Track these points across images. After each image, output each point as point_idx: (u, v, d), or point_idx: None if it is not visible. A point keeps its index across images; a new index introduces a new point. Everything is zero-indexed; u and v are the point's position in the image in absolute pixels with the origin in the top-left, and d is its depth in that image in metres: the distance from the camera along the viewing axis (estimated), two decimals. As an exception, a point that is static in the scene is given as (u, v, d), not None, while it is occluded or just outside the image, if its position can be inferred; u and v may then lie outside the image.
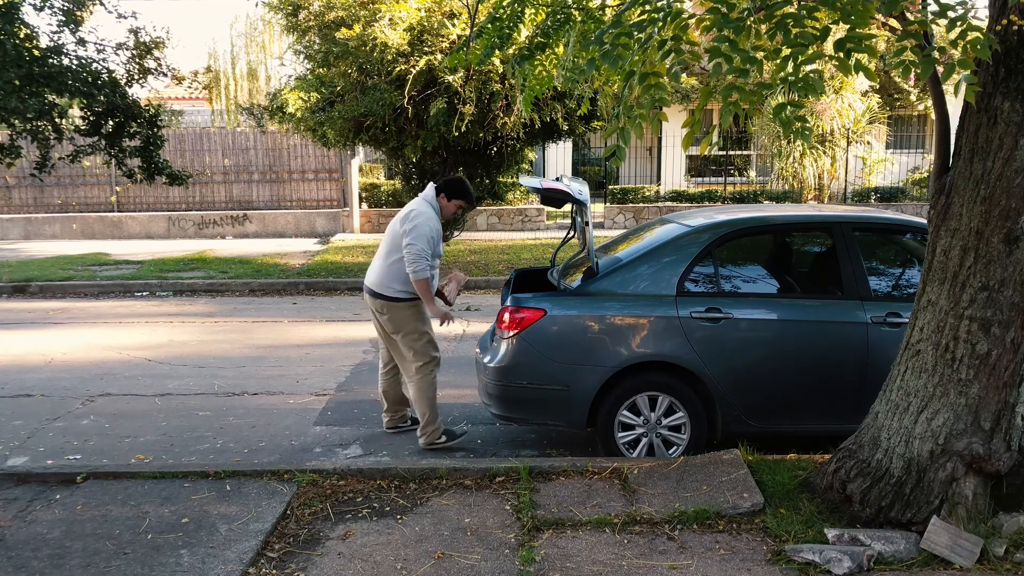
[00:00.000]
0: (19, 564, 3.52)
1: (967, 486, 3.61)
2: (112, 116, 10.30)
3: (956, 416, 3.63)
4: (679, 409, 4.72)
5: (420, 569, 3.49)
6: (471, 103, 10.14)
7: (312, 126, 11.17)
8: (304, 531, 3.85)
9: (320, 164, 17.87)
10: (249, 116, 23.42)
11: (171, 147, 17.18)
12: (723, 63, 2.95)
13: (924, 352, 3.72)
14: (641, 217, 16.87)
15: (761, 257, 5.29)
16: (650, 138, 19.93)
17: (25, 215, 17.43)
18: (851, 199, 17.15)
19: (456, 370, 6.82)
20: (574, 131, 11.74)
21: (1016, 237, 3.46)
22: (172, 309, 10.19)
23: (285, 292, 11.31)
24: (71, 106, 10.50)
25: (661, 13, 3.16)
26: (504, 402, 4.90)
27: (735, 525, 3.85)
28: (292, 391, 6.47)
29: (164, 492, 4.23)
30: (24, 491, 4.28)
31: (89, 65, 9.97)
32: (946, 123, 3.76)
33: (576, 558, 3.56)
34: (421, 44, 10.21)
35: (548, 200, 5.01)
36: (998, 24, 3.40)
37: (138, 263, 13.24)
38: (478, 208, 16.01)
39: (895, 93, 18.72)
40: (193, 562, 3.52)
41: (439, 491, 4.26)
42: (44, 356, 7.60)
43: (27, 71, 9.08)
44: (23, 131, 10.04)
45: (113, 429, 5.63)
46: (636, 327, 4.71)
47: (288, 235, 17.24)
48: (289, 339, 8.36)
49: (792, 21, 2.88)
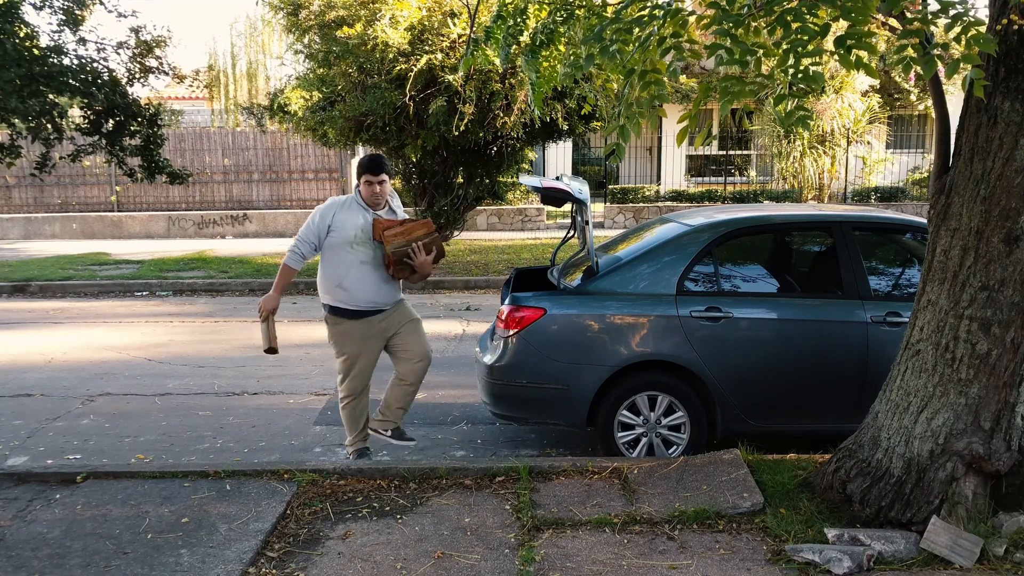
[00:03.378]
0: (19, 564, 3.52)
1: (967, 486, 3.61)
2: (112, 115, 10.30)
3: (956, 416, 3.62)
4: (679, 409, 4.72)
5: (420, 569, 3.48)
6: (471, 103, 10.14)
7: (312, 125, 11.17)
8: (304, 531, 3.85)
9: (320, 164, 17.87)
10: (249, 116, 23.42)
11: (171, 146, 17.18)
12: (724, 56, 2.95)
13: (924, 352, 3.72)
14: (641, 216, 16.87)
15: (761, 256, 5.29)
16: (650, 138, 19.93)
17: (25, 215, 17.43)
18: (851, 199, 17.14)
19: (456, 370, 6.82)
20: (574, 131, 11.73)
21: (1016, 237, 3.45)
22: (172, 309, 10.19)
23: (285, 292, 11.29)
24: (71, 105, 10.50)
25: (661, 11, 3.16)
26: (504, 401, 4.90)
27: (735, 525, 3.85)
28: (292, 391, 6.47)
29: (164, 492, 4.22)
30: (24, 491, 4.28)
31: (89, 64, 9.97)
32: (946, 123, 3.75)
33: (576, 558, 3.56)
34: (422, 43, 10.20)
35: (548, 199, 5.00)
36: (998, 24, 3.40)
37: (138, 263, 13.23)
38: (478, 208, 15.98)
39: (895, 93, 18.71)
40: (193, 562, 3.52)
41: (439, 491, 4.26)
42: (44, 356, 7.59)
43: (27, 71, 9.08)
44: (23, 131, 10.04)
45: (113, 429, 5.63)
46: (636, 326, 4.70)
47: (288, 235, 17.22)
48: (289, 339, 8.34)
49: (792, 16, 2.88)
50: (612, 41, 3.23)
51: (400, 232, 4.48)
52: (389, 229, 4.46)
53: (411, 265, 4.50)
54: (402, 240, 4.48)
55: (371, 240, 4.48)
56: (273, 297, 4.58)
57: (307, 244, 4.54)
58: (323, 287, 4.63)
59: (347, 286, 4.51)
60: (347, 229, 4.48)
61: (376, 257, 4.51)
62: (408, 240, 4.49)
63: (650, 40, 3.18)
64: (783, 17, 2.88)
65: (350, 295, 4.52)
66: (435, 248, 4.58)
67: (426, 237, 4.56)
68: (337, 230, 4.48)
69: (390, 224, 4.49)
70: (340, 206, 4.52)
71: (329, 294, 4.60)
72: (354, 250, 4.48)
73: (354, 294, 4.52)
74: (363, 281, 4.51)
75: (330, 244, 4.51)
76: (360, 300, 4.53)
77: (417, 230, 4.53)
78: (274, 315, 4.60)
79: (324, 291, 4.63)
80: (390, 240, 4.43)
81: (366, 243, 4.48)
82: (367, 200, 4.52)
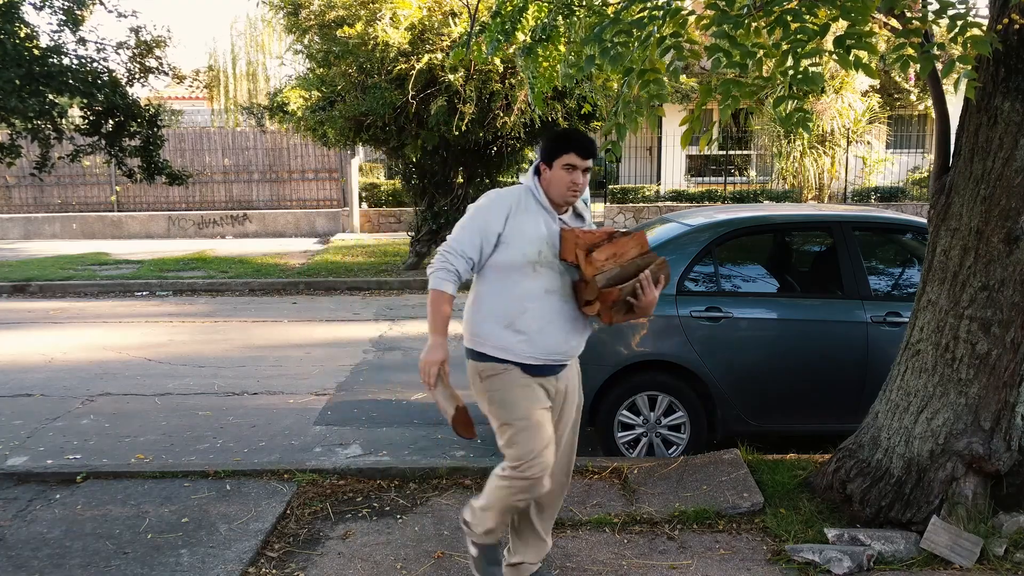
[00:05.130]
0: (19, 564, 3.52)
1: (967, 486, 3.61)
2: (112, 115, 10.30)
3: (956, 416, 3.62)
4: (679, 408, 4.72)
5: (420, 569, 3.49)
6: (471, 102, 10.14)
7: (312, 125, 11.17)
8: (304, 531, 3.85)
9: (320, 164, 17.86)
10: (249, 116, 23.43)
11: (171, 147, 17.17)
12: (722, 58, 2.95)
13: (924, 352, 3.72)
14: (641, 216, 16.86)
15: (761, 256, 5.29)
16: (650, 138, 19.92)
17: (25, 215, 17.43)
18: (851, 199, 17.13)
19: (456, 370, 6.80)
20: (574, 131, 11.73)
21: (1016, 237, 3.45)
22: (172, 309, 10.19)
23: (285, 292, 11.30)
24: (71, 105, 10.50)
25: (661, 11, 3.16)
26: (504, 402, 4.89)
27: (735, 525, 3.85)
28: (292, 391, 6.47)
29: (164, 492, 4.22)
30: (24, 491, 4.28)
31: (89, 64, 9.96)
32: (946, 123, 3.75)
33: (576, 558, 3.56)
34: (422, 43, 10.20)
35: (548, 199, 4.98)
36: (999, 24, 3.40)
37: (138, 263, 13.23)
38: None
39: (895, 93, 18.70)
40: (193, 562, 3.52)
41: (439, 491, 4.26)
42: (44, 356, 7.59)
43: (27, 70, 9.07)
44: (23, 131, 10.04)
45: (113, 429, 5.63)
46: (636, 326, 4.70)
47: (288, 235, 17.24)
48: (289, 339, 8.35)
49: (791, 17, 2.89)
50: (613, 43, 3.23)
51: (613, 254, 2.95)
52: (598, 248, 2.93)
53: (632, 305, 2.97)
54: (615, 266, 2.93)
55: (558, 259, 3.00)
56: (437, 347, 2.98)
57: (463, 259, 2.97)
58: (479, 325, 3.07)
59: (524, 327, 2.97)
60: (527, 242, 2.96)
61: (565, 285, 3.01)
62: (623, 265, 2.95)
63: (650, 39, 3.18)
64: (782, 18, 2.89)
65: (529, 341, 2.98)
66: (663, 276, 3.00)
67: (643, 259, 3.01)
68: (512, 242, 2.96)
69: (592, 239, 2.96)
70: (515, 205, 3.00)
71: (489, 336, 3.04)
72: (537, 274, 2.97)
73: (534, 339, 2.98)
74: (548, 320, 2.98)
75: (499, 263, 2.99)
76: (540, 349, 2.99)
77: (629, 248, 2.99)
78: (446, 369, 3.04)
79: (479, 331, 3.07)
80: (599, 266, 2.91)
81: (553, 263, 2.99)
82: (556, 196, 3.01)
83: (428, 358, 2.97)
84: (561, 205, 3.05)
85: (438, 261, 2.97)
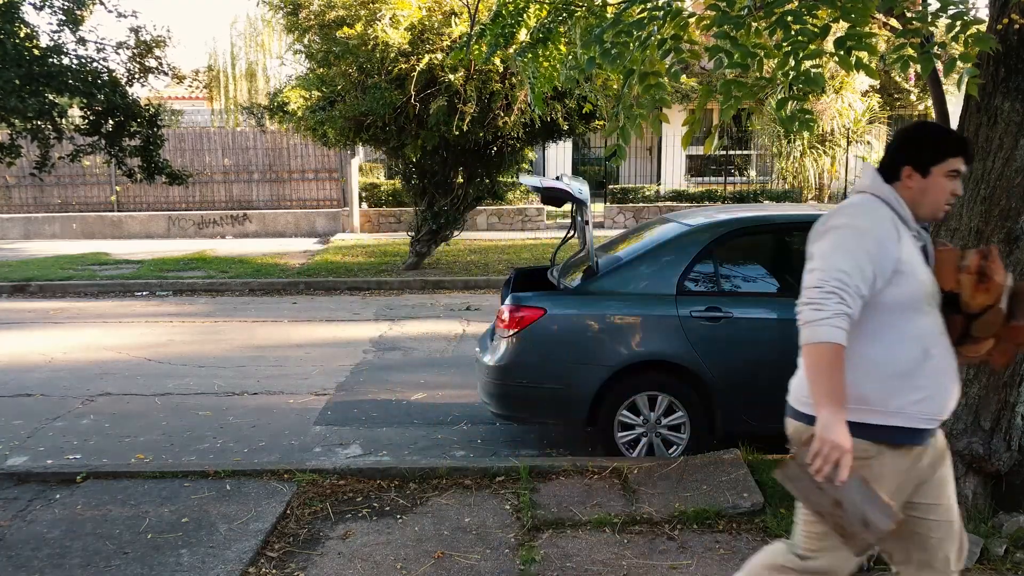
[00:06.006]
0: (19, 564, 3.52)
1: (967, 486, 3.61)
2: (112, 115, 10.29)
3: (956, 416, 3.62)
4: (679, 408, 4.72)
5: (420, 569, 3.49)
6: (471, 102, 10.14)
7: (312, 125, 11.17)
8: (304, 531, 3.85)
9: (320, 164, 17.86)
10: (249, 116, 23.42)
11: (171, 147, 17.16)
12: (723, 58, 2.95)
13: (924, 352, 3.71)
14: (641, 216, 16.86)
15: (761, 256, 5.28)
16: (650, 138, 19.92)
17: (25, 214, 17.42)
18: (851, 199, 17.13)
19: (456, 370, 6.82)
20: (574, 131, 11.74)
21: (1016, 237, 3.45)
22: (172, 309, 10.19)
23: (285, 292, 11.30)
24: (71, 105, 10.49)
25: (661, 12, 3.16)
26: (504, 401, 4.90)
27: (735, 525, 3.85)
28: (292, 391, 6.47)
29: (164, 492, 4.22)
30: (24, 491, 4.28)
31: (89, 64, 9.96)
32: (946, 123, 3.75)
33: (576, 558, 3.56)
34: (422, 43, 10.20)
35: (548, 199, 5.00)
36: (999, 23, 3.40)
37: (138, 263, 13.23)
38: (478, 208, 15.97)
39: (895, 93, 18.71)
40: (193, 562, 3.52)
41: (439, 491, 4.26)
42: (44, 356, 7.59)
43: (27, 70, 9.07)
44: (23, 131, 10.04)
45: (113, 429, 5.63)
46: (636, 326, 4.70)
47: (288, 235, 17.23)
48: (289, 339, 8.35)
49: (792, 18, 2.88)
50: (613, 44, 3.23)
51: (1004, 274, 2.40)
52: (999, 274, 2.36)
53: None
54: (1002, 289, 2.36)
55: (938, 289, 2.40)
56: (840, 427, 2.18)
57: (855, 294, 2.25)
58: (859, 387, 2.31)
59: (925, 382, 2.31)
60: (921, 269, 2.35)
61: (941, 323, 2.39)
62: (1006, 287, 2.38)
63: (650, 40, 3.18)
64: (783, 19, 2.88)
65: (928, 398, 2.31)
66: None
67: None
68: (909, 270, 2.30)
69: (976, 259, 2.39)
70: (893, 220, 2.35)
71: (878, 399, 2.31)
72: (930, 311, 2.36)
73: (934, 395, 2.33)
74: (944, 369, 2.35)
75: (892, 301, 2.31)
76: (939, 407, 2.35)
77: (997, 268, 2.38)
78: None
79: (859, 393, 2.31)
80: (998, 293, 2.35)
81: (936, 295, 2.39)
82: (929, 211, 2.41)
83: (836, 442, 2.15)
84: (935, 218, 2.45)
85: (822, 300, 2.26)
